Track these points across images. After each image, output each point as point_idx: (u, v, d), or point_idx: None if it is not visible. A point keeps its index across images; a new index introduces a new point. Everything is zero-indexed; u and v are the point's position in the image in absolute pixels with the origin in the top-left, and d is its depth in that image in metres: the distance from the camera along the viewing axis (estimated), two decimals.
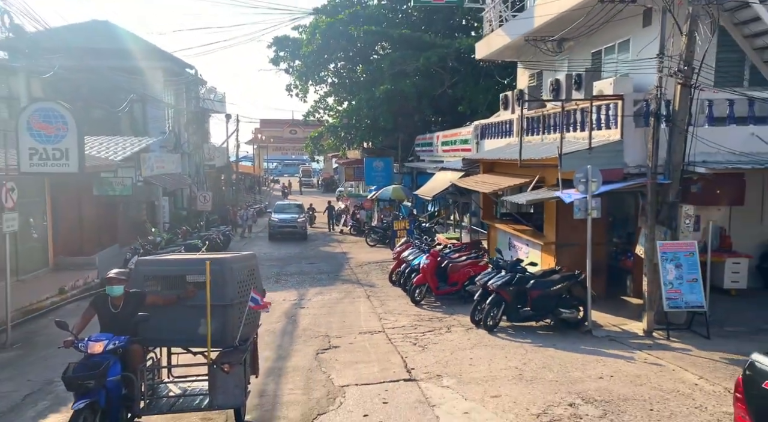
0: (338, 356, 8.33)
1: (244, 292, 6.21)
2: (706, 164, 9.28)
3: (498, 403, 6.32)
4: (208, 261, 5.92)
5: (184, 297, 6.06)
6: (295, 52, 30.96)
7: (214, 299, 5.84)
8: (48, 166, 9.25)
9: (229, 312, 5.96)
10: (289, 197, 40.25)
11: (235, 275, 6.17)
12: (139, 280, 6.32)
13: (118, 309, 6.00)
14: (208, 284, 5.79)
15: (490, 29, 16.77)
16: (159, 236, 17.46)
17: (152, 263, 6.78)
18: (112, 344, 5.61)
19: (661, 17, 9.24)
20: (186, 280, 6.25)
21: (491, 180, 12.73)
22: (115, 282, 6.03)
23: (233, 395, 5.81)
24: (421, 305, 11.39)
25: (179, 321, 6.07)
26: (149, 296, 6.11)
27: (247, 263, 6.67)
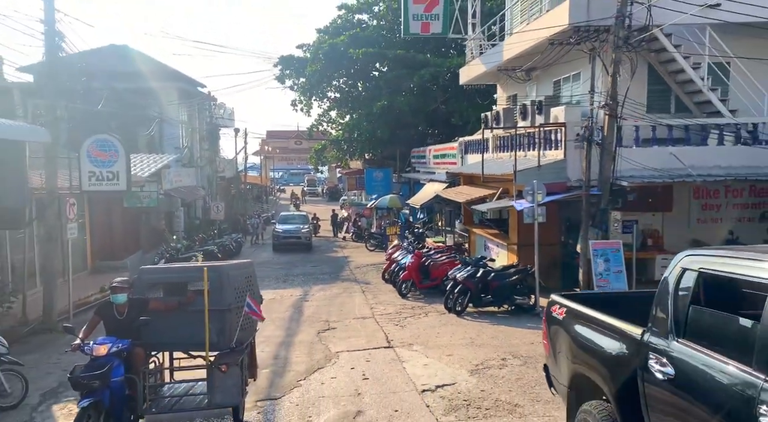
0: (335, 334, 10.74)
1: (241, 298, 6.52)
2: (633, 178, 11.68)
3: (450, 359, 8.71)
4: (206, 269, 6.32)
5: (184, 303, 6.44)
6: (300, 69, 33.54)
7: (212, 305, 6.19)
8: (103, 185, 11.79)
9: (227, 317, 6.33)
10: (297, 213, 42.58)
11: (232, 282, 6.55)
12: (143, 287, 6.74)
13: (122, 316, 6.38)
14: (206, 290, 6.14)
15: (471, 57, 19.28)
16: (179, 243, 20.04)
17: (155, 272, 7.30)
18: (116, 347, 5.98)
19: (591, 61, 11.69)
20: (186, 287, 6.66)
21: (466, 191, 15.20)
22: (119, 291, 6.42)
23: (231, 394, 6.20)
24: (406, 297, 13.79)
25: (180, 326, 6.36)
26: (151, 302, 6.52)
27: (244, 271, 7.08)
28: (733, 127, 12.09)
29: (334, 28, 32.89)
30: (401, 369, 8.35)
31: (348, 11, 33.83)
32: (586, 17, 11.77)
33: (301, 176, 72.06)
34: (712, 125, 12.13)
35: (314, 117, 37.09)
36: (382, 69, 31.74)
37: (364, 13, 34.13)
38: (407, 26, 20.24)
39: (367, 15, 34.12)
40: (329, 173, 59.40)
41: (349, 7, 33.91)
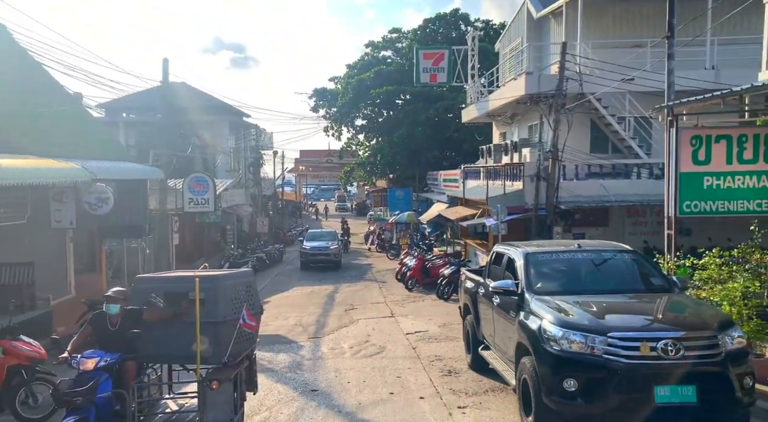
0: (356, 311, 16.05)
1: (238, 309, 6.46)
2: (571, 203, 16.75)
3: (429, 321, 13.93)
4: (198, 279, 6.20)
5: (179, 314, 6.38)
6: (332, 100, 39.41)
7: (205, 317, 6.15)
8: (197, 208, 17.48)
9: (221, 329, 6.27)
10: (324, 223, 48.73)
11: (228, 293, 6.53)
12: (140, 297, 6.71)
13: (115, 327, 6.36)
14: (197, 301, 6.11)
15: (470, 102, 24.61)
16: (235, 251, 25.75)
17: (151, 281, 7.22)
18: (104, 361, 5.95)
19: (539, 120, 16.90)
20: (185, 297, 6.49)
21: (459, 211, 20.48)
22: (113, 301, 6.42)
23: (222, 412, 6.12)
24: (411, 290, 19.04)
25: (174, 338, 6.33)
26: (145, 313, 6.44)
27: (242, 281, 7.08)
28: (648, 165, 17.07)
29: (362, 64, 38.68)
30: (396, 326, 13.64)
31: (374, 48, 39.64)
32: (537, 89, 17.01)
33: (331, 191, 78.11)
34: (632, 164, 17.15)
35: (344, 140, 42.96)
36: (405, 97, 37.31)
37: (389, 49, 39.88)
38: (418, 77, 25.71)
39: (391, 51, 39.85)
40: (358, 190, 65.21)
41: (375, 45, 39.73)
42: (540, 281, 7.00)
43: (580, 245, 7.67)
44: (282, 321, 14.72)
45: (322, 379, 9.21)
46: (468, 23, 36.92)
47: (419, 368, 9.66)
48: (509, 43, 23.07)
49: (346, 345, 11.74)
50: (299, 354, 11.10)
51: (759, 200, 8.82)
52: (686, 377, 5.38)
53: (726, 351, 5.55)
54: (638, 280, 7.06)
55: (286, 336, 12.88)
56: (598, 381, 5.52)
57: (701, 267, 8.31)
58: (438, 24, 36.88)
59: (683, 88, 16.38)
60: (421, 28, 37.11)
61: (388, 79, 35.70)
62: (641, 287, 6.94)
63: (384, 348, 11.29)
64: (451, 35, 36.77)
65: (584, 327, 5.76)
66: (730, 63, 16.98)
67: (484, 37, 34.75)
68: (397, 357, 10.50)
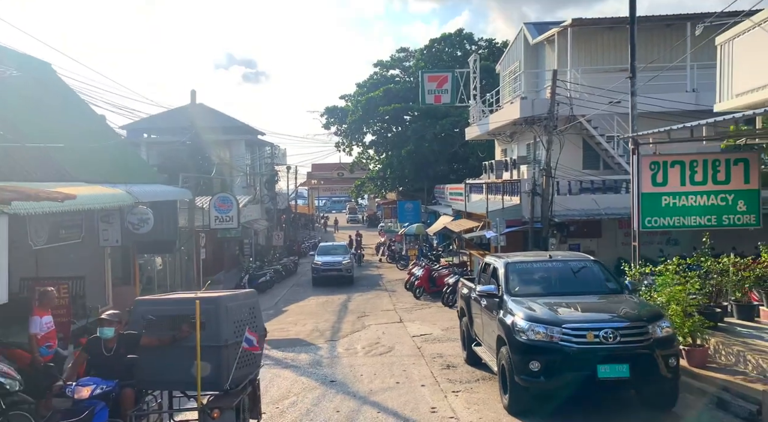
0: (368, 317, 17.72)
1: (241, 332, 6.31)
2: (564, 216, 18.36)
3: (433, 326, 15.58)
4: (198, 301, 6.08)
5: (179, 338, 6.19)
6: (343, 117, 41.34)
7: (207, 340, 6.01)
8: (222, 225, 19.30)
9: (223, 354, 6.10)
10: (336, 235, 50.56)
11: (231, 315, 6.34)
12: (138, 320, 6.51)
13: (111, 352, 6.18)
14: (198, 324, 5.97)
15: (473, 121, 26.35)
16: (253, 264, 27.54)
17: (151, 304, 6.99)
18: (100, 388, 5.80)
19: (534, 140, 18.57)
20: (186, 319, 6.33)
21: (463, 223, 22.15)
22: (106, 324, 6.25)
23: None
24: (419, 298, 20.69)
25: (174, 363, 6.16)
26: (143, 337, 6.22)
27: (246, 302, 6.93)
28: None
29: (371, 82, 40.63)
30: (404, 330, 15.31)
31: (382, 67, 41.58)
32: (531, 112, 18.73)
33: (342, 203, 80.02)
34: (621, 179, 18.74)
35: (355, 155, 44.86)
36: (413, 114, 39.14)
37: (397, 67, 41.80)
38: (424, 98, 27.52)
39: (399, 69, 41.76)
40: (369, 202, 67.02)
41: (383, 64, 41.68)
42: (516, 286, 8.68)
43: (551, 256, 9.35)
44: (300, 327, 16.43)
45: (339, 373, 10.90)
46: (472, 42, 38.78)
47: (422, 363, 11.31)
48: (509, 66, 24.81)
49: (359, 346, 13.43)
50: (318, 354, 12.79)
51: (708, 215, 10.44)
52: (621, 357, 7.02)
53: (654, 338, 7.19)
54: (596, 284, 8.70)
55: (306, 339, 14.59)
56: (555, 362, 7.18)
57: (659, 273, 9.94)
58: (443, 43, 38.75)
59: (667, 109, 18.10)
60: (427, 48, 39.01)
61: (396, 97, 37.56)
62: (598, 290, 8.57)
63: (392, 348, 12.95)
64: (456, 54, 38.63)
65: (545, 320, 7.43)
66: (709, 86, 18.56)
67: (488, 56, 36.57)
68: (403, 355, 12.16)
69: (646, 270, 10.26)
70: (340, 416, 8.29)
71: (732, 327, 9.90)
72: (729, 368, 8.67)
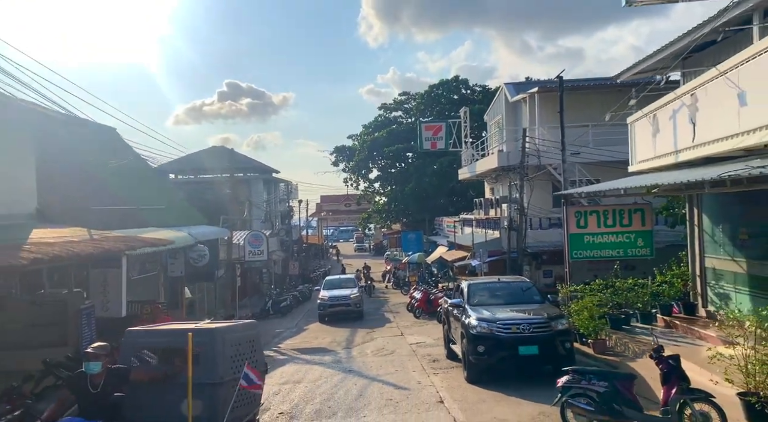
0: (375, 332, 22.19)
1: (239, 368, 6.10)
2: (535, 247, 22.91)
3: (428, 337, 20.05)
4: (191, 333, 5.91)
5: (171, 374, 6.01)
6: (350, 155, 46.34)
7: (201, 377, 5.84)
8: (255, 257, 23.98)
9: (219, 392, 5.91)
10: (345, 262, 55.17)
11: (228, 350, 6.15)
12: (129, 353, 6.36)
13: (97, 389, 5.85)
14: (189, 358, 5.82)
15: (464, 164, 31.11)
16: (274, 290, 32.14)
17: (143, 335, 6.76)
18: None
19: (509, 185, 23.25)
20: (180, 353, 6.13)
21: (455, 253, 26.73)
22: (93, 358, 5.89)
23: None
24: (418, 318, 25.17)
25: (166, 401, 5.96)
26: (133, 372, 6.03)
27: (245, 334, 6.74)
28: None
29: (375, 124, 45.75)
30: (404, 340, 19.81)
31: (386, 110, 46.71)
32: (507, 162, 23.45)
33: (350, 232, 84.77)
34: None
35: (361, 188, 49.74)
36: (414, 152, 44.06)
37: (399, 110, 46.92)
38: (421, 144, 32.41)
39: (401, 111, 46.87)
40: (375, 232, 71.83)
41: (387, 107, 46.86)
42: (474, 298, 13.25)
43: (499, 279, 13.96)
44: (321, 340, 20.93)
45: (354, 366, 15.39)
46: (467, 87, 43.89)
47: (415, 359, 15.80)
48: (494, 117, 29.65)
49: (369, 351, 17.95)
50: (338, 356, 17.30)
51: (617, 249, 15.01)
52: (533, 341, 11.53)
53: (555, 330, 11.72)
54: (526, 297, 13.24)
55: (327, 347, 19.10)
56: (493, 345, 11.69)
57: (579, 292, 14.49)
58: (441, 89, 43.86)
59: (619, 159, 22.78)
60: (426, 93, 44.13)
61: (398, 138, 42.55)
62: (527, 301, 13.09)
63: (394, 351, 17.46)
64: (453, 97, 43.68)
65: (488, 319, 11.98)
66: None
67: (482, 100, 41.53)
68: (402, 355, 16.66)
69: (573, 289, 14.81)
70: (358, 387, 12.81)
71: (633, 328, 14.40)
72: (619, 353, 13.17)
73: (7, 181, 12.37)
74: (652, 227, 15.01)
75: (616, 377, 8.56)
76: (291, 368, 15.53)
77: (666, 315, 14.43)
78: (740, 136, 9.68)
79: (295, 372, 14.79)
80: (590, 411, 8.19)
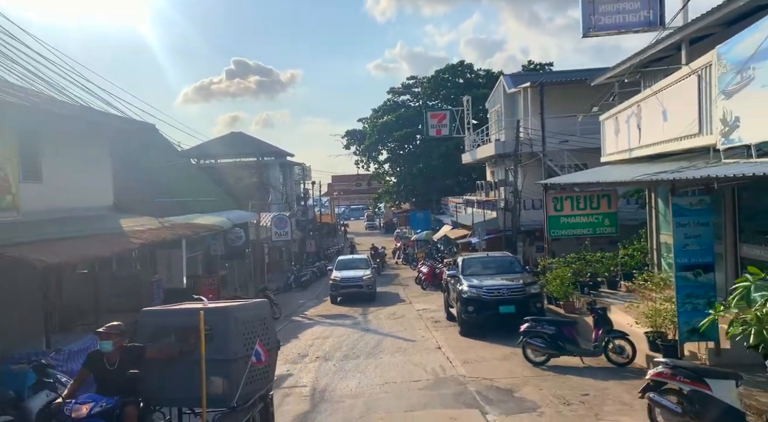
0: (387, 301, 25.80)
1: (252, 345, 6.39)
2: (529, 226, 26.28)
3: (432, 305, 23.59)
4: (202, 311, 6.14)
5: (186, 351, 6.25)
6: (361, 138, 49.64)
7: (215, 354, 6.11)
8: (280, 238, 27.55)
9: (233, 368, 6.18)
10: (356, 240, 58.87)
11: (240, 327, 6.44)
12: (146, 332, 6.66)
13: (114, 366, 6.26)
14: (202, 336, 6.06)
15: (466, 149, 34.38)
16: (294, 267, 35.82)
17: (158, 314, 7.09)
18: (99, 406, 5.84)
19: (505, 170, 26.59)
20: (195, 331, 6.30)
21: (458, 232, 30.20)
22: (104, 337, 6.32)
23: None
24: (424, 289, 28.71)
25: (181, 378, 6.20)
26: (149, 350, 6.31)
27: (257, 312, 7.03)
28: None
29: (384, 108, 48.96)
30: (412, 307, 23.39)
31: (395, 94, 49.83)
32: (503, 150, 26.73)
33: (360, 211, 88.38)
34: None
35: (372, 170, 53.15)
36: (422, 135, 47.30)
37: (407, 93, 50.03)
38: (427, 131, 35.68)
39: (409, 95, 49.99)
40: (386, 210, 75.44)
41: (395, 91, 49.97)
42: (467, 270, 16.74)
43: (488, 254, 17.41)
44: (340, 308, 24.53)
45: (371, 326, 18.99)
46: (472, 72, 46.87)
47: (421, 321, 19.36)
48: (494, 106, 32.82)
49: (382, 316, 21.57)
50: (356, 320, 20.91)
51: (588, 228, 18.37)
52: (510, 302, 15.02)
53: (529, 293, 15.21)
54: (509, 268, 16.72)
55: (346, 314, 22.71)
56: (480, 306, 15.20)
57: (554, 264, 17.92)
58: (447, 73, 46.85)
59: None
60: (433, 77, 47.17)
61: (407, 121, 45.77)
62: (509, 271, 16.56)
63: (403, 316, 21.05)
64: (458, 81, 46.70)
65: (476, 286, 15.49)
66: None
67: (486, 84, 44.53)
68: (410, 318, 20.24)
69: (549, 261, 18.25)
70: (375, 340, 16.41)
71: (600, 293, 17.83)
72: (585, 313, 16.62)
73: (92, 180, 15.87)
74: (616, 209, 18.34)
75: (561, 323, 12.06)
76: (319, 329, 19.16)
77: (628, 281, 17.85)
78: (663, 143, 12.99)
79: (323, 331, 18.44)
80: (542, 347, 11.70)
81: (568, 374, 11.15)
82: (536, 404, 9.49)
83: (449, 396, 10.26)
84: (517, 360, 12.40)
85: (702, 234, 10.17)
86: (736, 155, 9.66)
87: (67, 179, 14.26)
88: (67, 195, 14.22)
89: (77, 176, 14.75)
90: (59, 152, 14.03)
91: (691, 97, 11.27)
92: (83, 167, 15.15)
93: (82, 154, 15.12)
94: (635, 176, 11.78)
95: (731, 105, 9.49)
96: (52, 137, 13.69)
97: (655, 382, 7.58)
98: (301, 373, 12.86)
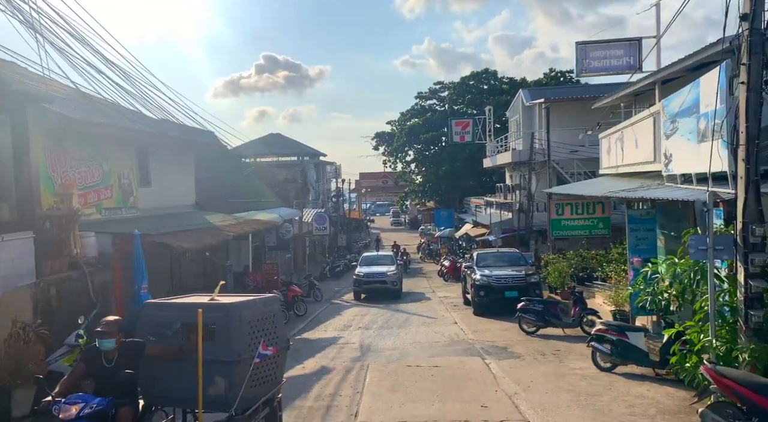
0: (411, 291, 30.02)
1: (257, 344, 6.18)
2: (541, 226, 30.26)
3: (452, 294, 27.75)
4: (201, 310, 5.89)
5: (187, 349, 6.07)
6: (390, 140, 53.88)
7: (217, 354, 5.88)
8: (320, 232, 31.93)
9: (236, 370, 5.93)
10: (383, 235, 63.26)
11: (245, 326, 6.16)
12: (147, 327, 6.50)
13: (112, 363, 6.03)
14: (199, 333, 5.82)
15: (488, 155, 38.42)
16: (329, 259, 40.23)
17: (161, 308, 6.82)
18: (90, 407, 5.59)
19: (521, 176, 30.61)
20: (197, 327, 6.03)
21: (478, 230, 34.32)
22: (105, 336, 6.07)
23: None
24: (446, 281, 32.89)
25: (181, 377, 6.01)
26: (148, 346, 6.16)
27: (265, 309, 6.73)
28: None
29: (412, 112, 53.07)
30: (435, 295, 27.59)
31: (422, 98, 53.95)
32: (519, 158, 30.74)
33: (386, 207, 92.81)
34: None
35: (399, 169, 57.38)
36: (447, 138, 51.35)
37: (434, 98, 54.12)
38: (451, 137, 39.78)
39: (435, 100, 54.08)
40: (411, 208, 79.77)
41: (422, 96, 54.04)
42: (480, 262, 20.93)
43: (498, 250, 21.56)
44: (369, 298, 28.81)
45: (399, 309, 23.23)
46: (496, 79, 50.77)
47: (442, 305, 23.55)
48: (513, 115, 36.79)
49: (409, 300, 25.80)
50: (387, 306, 25.14)
51: (584, 230, 22.37)
52: (514, 288, 19.18)
53: (529, 281, 19.38)
54: (515, 261, 20.86)
55: (377, 298, 26.97)
56: (489, 291, 19.41)
57: (554, 259, 21.99)
58: (473, 80, 50.80)
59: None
60: (459, 83, 51.16)
61: (433, 125, 49.85)
62: (515, 264, 20.71)
63: (427, 301, 25.25)
64: (482, 87, 50.61)
65: (487, 275, 19.72)
66: None
67: (509, 90, 48.36)
68: (433, 303, 24.44)
69: (550, 257, 22.34)
70: (404, 317, 20.68)
71: (593, 283, 21.82)
72: None
73: (180, 183, 20.32)
74: (609, 214, 22.31)
75: (548, 302, 16.22)
76: (355, 309, 23.48)
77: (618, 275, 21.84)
78: (635, 165, 16.99)
79: (359, 311, 22.77)
80: (533, 320, 15.85)
81: (551, 339, 15.28)
82: (521, 354, 13.67)
83: (460, 351, 14.49)
84: (514, 330, 16.54)
85: (648, 237, 14.21)
86: (672, 180, 13.65)
87: (167, 183, 18.74)
88: (167, 196, 18.70)
89: (173, 179, 19.23)
90: (161, 161, 18.48)
91: (650, 133, 15.26)
92: (177, 172, 19.63)
93: (176, 161, 19.58)
94: (603, 192, 15.85)
95: (668, 144, 13.50)
96: (156, 150, 18.12)
97: (597, 336, 11.72)
98: (350, 337, 17.16)
